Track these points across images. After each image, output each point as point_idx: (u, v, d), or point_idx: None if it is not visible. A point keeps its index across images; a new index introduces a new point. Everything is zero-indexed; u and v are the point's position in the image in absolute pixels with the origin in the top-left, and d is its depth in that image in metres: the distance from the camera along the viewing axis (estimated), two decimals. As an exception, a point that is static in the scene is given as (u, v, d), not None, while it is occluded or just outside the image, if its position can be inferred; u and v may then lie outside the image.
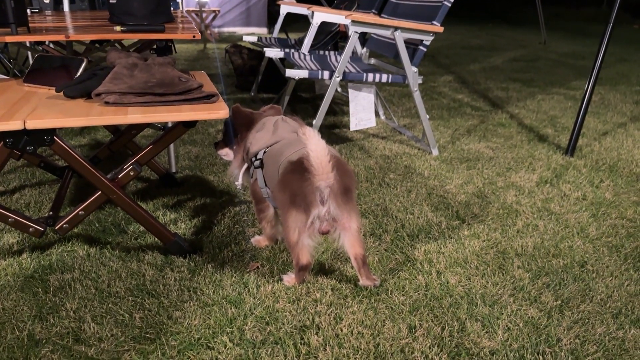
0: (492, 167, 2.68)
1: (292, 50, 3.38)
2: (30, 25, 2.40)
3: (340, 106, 3.95)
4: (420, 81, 2.81)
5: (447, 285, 1.64)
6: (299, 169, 1.43)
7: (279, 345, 1.37)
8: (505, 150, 2.95)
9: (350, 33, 2.59)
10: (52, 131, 1.58)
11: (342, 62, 2.61)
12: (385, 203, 2.23)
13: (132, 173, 1.74)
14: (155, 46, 2.40)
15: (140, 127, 2.28)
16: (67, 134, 3.19)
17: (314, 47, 3.71)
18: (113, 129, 2.33)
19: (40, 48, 4.48)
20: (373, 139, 3.15)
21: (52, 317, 1.48)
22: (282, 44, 4.11)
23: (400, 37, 2.62)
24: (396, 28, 2.61)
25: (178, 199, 2.25)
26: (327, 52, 3.52)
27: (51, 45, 4.33)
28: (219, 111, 1.65)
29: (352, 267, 1.67)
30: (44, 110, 1.61)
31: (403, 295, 1.59)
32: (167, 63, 1.92)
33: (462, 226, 2.03)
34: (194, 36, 2.26)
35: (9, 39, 2.08)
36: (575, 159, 2.79)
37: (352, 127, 2.86)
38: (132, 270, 1.70)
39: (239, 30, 9.13)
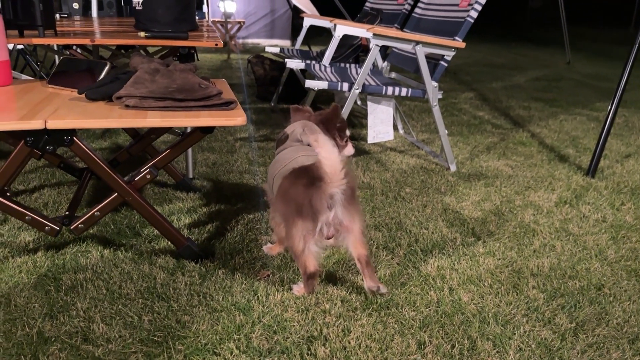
0: (511, 185, 2.65)
1: (314, 62, 3.39)
2: (58, 29, 2.45)
3: (359, 119, 3.95)
4: (440, 96, 2.80)
5: (459, 302, 1.62)
6: (305, 176, 1.43)
7: (285, 355, 1.36)
8: (524, 169, 2.91)
9: (371, 46, 2.59)
10: (72, 132, 1.60)
11: (361, 74, 2.62)
12: (400, 217, 2.21)
13: (148, 176, 1.76)
14: (178, 53, 2.43)
15: (159, 132, 2.30)
16: (89, 137, 3.24)
17: (335, 60, 3.72)
18: (133, 133, 2.36)
19: (68, 52, 4.57)
20: (391, 152, 3.14)
21: (63, 316, 1.49)
22: (303, 55, 4.14)
23: (421, 52, 2.62)
24: (417, 42, 2.60)
25: (193, 204, 2.27)
26: (347, 65, 3.53)
27: (78, 50, 4.43)
28: (237, 118, 1.66)
29: (363, 279, 1.66)
30: (65, 111, 1.63)
31: (414, 310, 1.57)
32: (189, 70, 1.94)
33: (477, 243, 2.00)
34: (216, 44, 2.28)
35: (35, 40, 2.13)
36: (596, 181, 2.74)
37: (370, 140, 2.86)
38: (143, 273, 1.71)
39: (263, 41, 9.21)
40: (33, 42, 2.13)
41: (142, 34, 2.25)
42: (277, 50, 4.17)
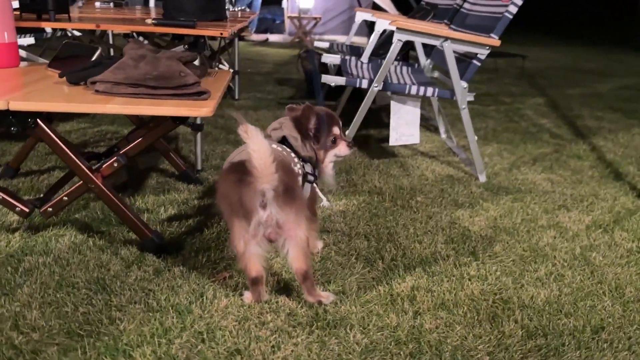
0: (543, 202, 2.36)
1: (350, 58, 3.24)
2: (79, 14, 2.50)
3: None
4: (471, 98, 2.55)
5: (419, 329, 1.43)
6: (238, 171, 1.32)
7: (199, 367, 1.26)
8: (566, 185, 2.59)
9: (394, 40, 2.41)
10: (36, 114, 1.59)
11: (382, 70, 2.44)
12: (396, 227, 2.02)
13: (115, 164, 1.72)
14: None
15: (159, 120, 2.27)
16: (97, 122, 3.24)
17: (380, 56, 3.54)
18: (136, 120, 2.35)
19: (128, 40, 4.73)
20: (420, 157, 2.92)
21: (5, 299, 1.48)
22: (353, 51, 3.99)
23: (449, 49, 2.39)
24: (446, 38, 2.38)
25: (188, 196, 2.22)
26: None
27: (140, 38, 4.56)
28: (201, 109, 1.58)
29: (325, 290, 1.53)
30: (37, 94, 1.63)
31: (363, 333, 1.40)
32: (174, 57, 1.87)
33: (471, 264, 1.78)
34: (221, 33, 2.22)
35: (44, 24, 2.17)
36: (650, 204, 2.38)
37: (392, 142, 2.67)
38: (101, 263, 1.67)
39: (339, 38, 9.11)
40: (42, 25, 2.17)
41: (149, 20, 2.23)
42: (326, 45, 4.05)
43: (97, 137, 3.02)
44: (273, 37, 8.81)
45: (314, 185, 1.66)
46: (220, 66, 4.50)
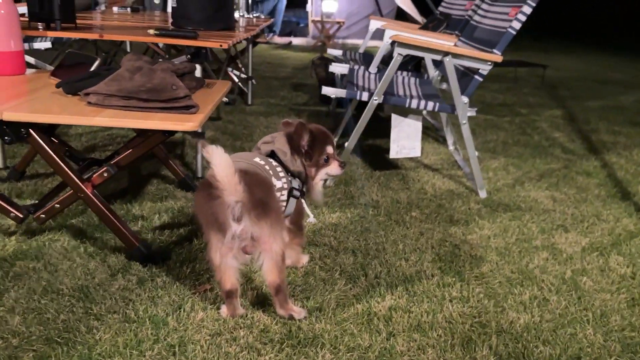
0: (541, 221, 2.32)
1: (359, 68, 3.24)
2: (88, 22, 2.57)
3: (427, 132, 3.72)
4: (473, 113, 2.53)
5: (390, 351, 1.43)
6: (209, 186, 1.34)
7: (165, 380, 1.28)
8: (569, 204, 2.54)
9: (394, 55, 2.40)
10: (28, 125, 1.64)
11: (381, 84, 2.44)
12: (385, 243, 2.02)
13: (105, 174, 1.76)
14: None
15: (150, 131, 2.32)
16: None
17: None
18: (137, 129, 2.39)
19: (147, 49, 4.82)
20: (423, 170, 2.91)
21: (-9, 303, 1.53)
22: (366, 60, 3.98)
23: (450, 64, 2.38)
24: (446, 53, 2.37)
25: (185, 204, 2.25)
26: (397, 72, 3.33)
27: (159, 45, 4.64)
28: (187, 123, 1.61)
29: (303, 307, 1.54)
30: (31, 104, 1.68)
31: (333, 353, 1.41)
32: (170, 69, 1.91)
33: (454, 284, 1.77)
34: (221, 45, 2.25)
35: (50, 33, 2.23)
36: (654, 227, 2.32)
37: (392, 155, 2.66)
38: (87, 270, 1.71)
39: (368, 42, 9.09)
40: (48, 34, 2.24)
41: (152, 31, 2.27)
42: (339, 53, 4.06)
43: (107, 140, 3.09)
44: (296, 40, 8.85)
45: (302, 200, 1.68)
46: (235, 72, 4.55)
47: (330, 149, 1.69)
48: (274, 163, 1.60)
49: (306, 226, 1.88)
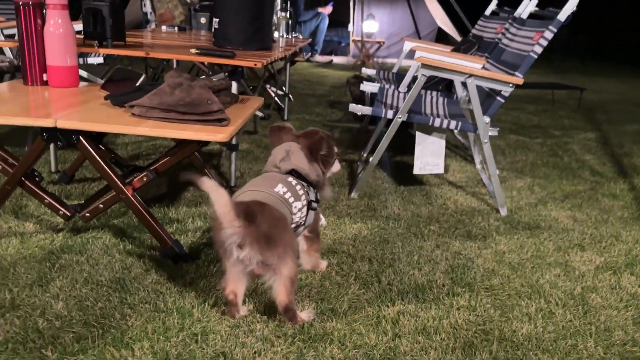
0: (559, 240, 2.38)
1: (389, 87, 3.37)
2: (137, 40, 2.79)
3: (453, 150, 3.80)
4: (495, 133, 2.62)
5: (394, 351, 1.53)
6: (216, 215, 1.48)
7: (186, 363, 1.43)
8: (589, 225, 2.58)
9: (418, 75, 2.52)
10: (78, 132, 1.84)
11: (406, 103, 2.55)
12: (401, 253, 2.12)
13: (145, 179, 1.94)
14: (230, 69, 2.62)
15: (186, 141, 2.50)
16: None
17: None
18: (176, 139, 2.58)
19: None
20: (447, 186, 2.99)
21: (39, 290, 1.72)
22: (398, 79, 4.11)
23: (472, 85, 2.48)
24: (469, 75, 2.47)
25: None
26: (427, 92, 3.44)
27: (204, 63, 4.88)
28: (218, 134, 1.77)
29: (313, 307, 1.66)
30: (82, 114, 1.88)
31: (340, 349, 1.52)
32: (207, 86, 2.08)
33: (463, 295, 1.85)
34: (255, 64, 2.42)
35: (102, 50, 2.46)
36: (674, 250, 2.34)
37: (416, 171, 2.77)
38: (125, 265, 1.89)
39: (403, 62, 9.22)
40: (100, 51, 2.46)
41: (193, 50, 2.47)
42: (373, 72, 4.20)
43: (150, 149, 3.31)
44: (337, 59, 9.05)
45: (318, 209, 1.82)
46: (272, 89, 4.75)
47: (336, 150, 1.86)
48: (294, 182, 1.73)
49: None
